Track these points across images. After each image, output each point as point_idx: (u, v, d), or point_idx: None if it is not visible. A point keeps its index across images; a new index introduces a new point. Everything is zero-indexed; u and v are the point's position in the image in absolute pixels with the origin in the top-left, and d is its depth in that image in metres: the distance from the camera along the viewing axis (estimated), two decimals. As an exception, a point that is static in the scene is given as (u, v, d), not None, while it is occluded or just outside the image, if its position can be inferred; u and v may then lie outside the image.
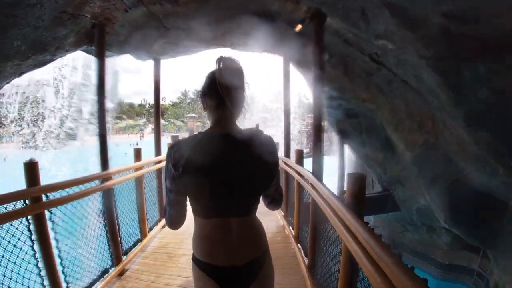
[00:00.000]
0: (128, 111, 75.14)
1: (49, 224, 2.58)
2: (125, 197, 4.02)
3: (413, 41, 3.61)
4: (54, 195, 2.62)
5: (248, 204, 1.37)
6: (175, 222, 1.42)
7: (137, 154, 4.44)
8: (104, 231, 3.52)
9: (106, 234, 3.53)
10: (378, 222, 9.44)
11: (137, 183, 4.35)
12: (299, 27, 4.02)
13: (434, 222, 7.01)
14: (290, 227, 4.97)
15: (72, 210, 2.95)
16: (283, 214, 5.55)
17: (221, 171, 1.26)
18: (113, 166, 3.69)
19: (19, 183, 2.38)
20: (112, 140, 49.35)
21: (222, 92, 1.22)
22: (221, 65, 1.23)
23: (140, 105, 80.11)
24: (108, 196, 3.49)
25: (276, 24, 4.30)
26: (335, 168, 9.36)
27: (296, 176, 4.13)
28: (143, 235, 4.48)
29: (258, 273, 1.39)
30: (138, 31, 4.12)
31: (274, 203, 1.54)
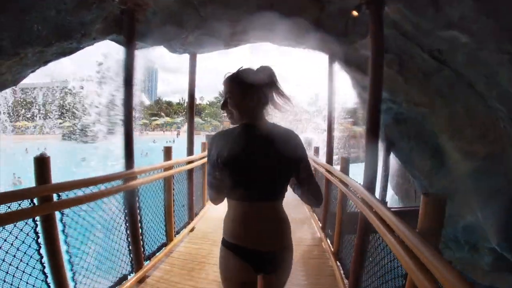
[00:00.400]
0: (166, 108, 77.08)
1: (60, 226, 2.32)
2: (151, 198, 3.73)
3: (495, 32, 3.02)
4: (68, 195, 2.34)
5: (275, 189, 1.49)
6: (214, 199, 1.52)
7: (167, 152, 4.15)
8: (125, 235, 3.24)
9: (127, 238, 3.25)
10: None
11: (165, 184, 4.05)
12: (355, 13, 3.52)
13: (480, 242, 6.34)
14: (328, 241, 4.51)
15: (89, 209, 2.67)
16: (320, 225, 5.08)
17: (251, 159, 1.42)
18: (150, 162, 3.49)
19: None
20: (150, 136, 50.84)
21: (258, 91, 1.46)
22: (251, 70, 1.49)
23: (178, 104, 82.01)
24: (131, 196, 3.20)
25: (325, 14, 3.87)
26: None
27: (340, 186, 3.70)
28: (169, 239, 4.18)
29: (277, 266, 1.52)
30: (172, 20, 3.79)
31: (310, 192, 1.56)
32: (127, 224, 3.24)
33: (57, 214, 2.29)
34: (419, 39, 4.09)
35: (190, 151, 5.54)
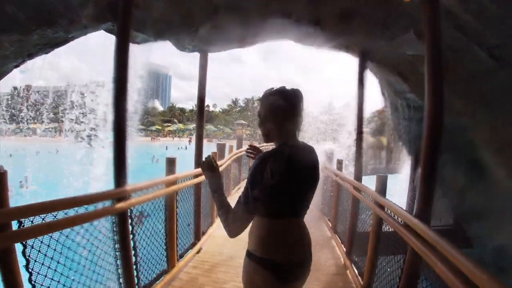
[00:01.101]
0: (179, 115, 77.35)
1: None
2: (150, 219, 3.14)
3: None
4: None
5: (309, 205, 1.61)
6: (239, 229, 1.45)
7: (170, 165, 3.56)
8: (114, 265, 2.62)
9: (116, 270, 2.65)
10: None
11: (167, 202, 3.46)
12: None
13: (509, 264, 5.51)
14: (355, 269, 3.90)
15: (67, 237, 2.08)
16: (344, 249, 4.40)
17: (304, 178, 1.50)
18: (161, 169, 3.28)
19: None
20: (162, 142, 50.74)
21: (299, 112, 1.53)
22: (295, 91, 1.53)
23: (191, 111, 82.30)
24: (122, 220, 2.59)
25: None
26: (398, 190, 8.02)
27: (376, 209, 3.14)
28: (171, 265, 3.57)
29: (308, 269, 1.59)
30: (178, 6, 3.17)
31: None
32: (117, 252, 2.64)
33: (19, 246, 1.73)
34: (479, 33, 3.36)
35: (198, 161, 4.81)
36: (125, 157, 2.58)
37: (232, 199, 7.33)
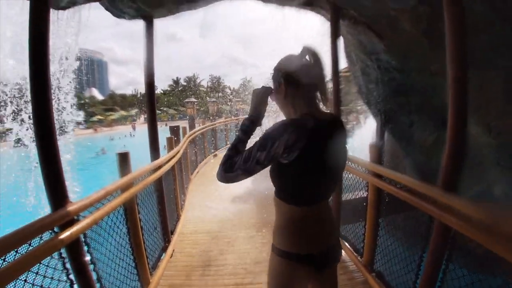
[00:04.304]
0: (121, 102, 73.34)
1: None
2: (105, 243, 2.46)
3: None
4: None
5: (335, 186, 1.45)
6: (236, 181, 1.32)
7: (123, 162, 2.84)
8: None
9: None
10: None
11: (126, 210, 2.77)
12: None
13: None
14: (347, 245, 3.71)
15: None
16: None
17: (332, 156, 1.29)
18: (109, 163, 2.24)
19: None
20: (106, 133, 47.71)
21: (319, 82, 1.34)
22: (315, 57, 1.33)
23: (132, 95, 78.28)
24: (75, 251, 1.90)
25: None
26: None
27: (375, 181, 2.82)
28: (144, 283, 2.96)
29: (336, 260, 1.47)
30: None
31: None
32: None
33: None
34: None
35: (154, 151, 3.90)
36: (58, 163, 1.85)
37: (193, 184, 6.69)
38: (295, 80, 1.32)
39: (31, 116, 1.75)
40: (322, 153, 1.26)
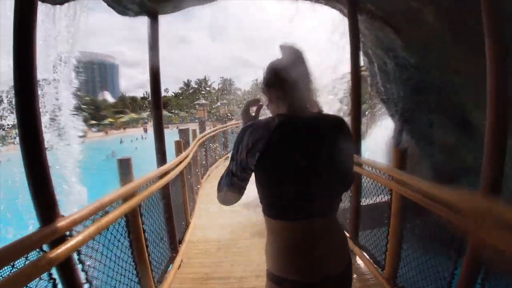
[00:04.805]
0: (131, 104, 74.10)
1: None
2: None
3: None
4: None
5: (334, 199, 1.24)
6: (229, 202, 1.29)
7: (124, 169, 2.64)
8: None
9: None
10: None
11: (129, 222, 2.56)
12: None
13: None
14: (367, 256, 3.39)
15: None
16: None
17: (316, 161, 1.14)
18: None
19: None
20: (116, 135, 48.02)
21: (287, 81, 1.19)
22: (295, 54, 1.22)
23: (143, 98, 79.00)
24: (68, 271, 1.70)
25: None
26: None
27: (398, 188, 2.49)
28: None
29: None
30: None
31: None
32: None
33: None
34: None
35: (161, 156, 3.71)
36: (45, 170, 1.64)
37: (203, 188, 6.53)
38: (273, 83, 1.25)
39: (15, 118, 1.56)
40: (295, 155, 1.14)
